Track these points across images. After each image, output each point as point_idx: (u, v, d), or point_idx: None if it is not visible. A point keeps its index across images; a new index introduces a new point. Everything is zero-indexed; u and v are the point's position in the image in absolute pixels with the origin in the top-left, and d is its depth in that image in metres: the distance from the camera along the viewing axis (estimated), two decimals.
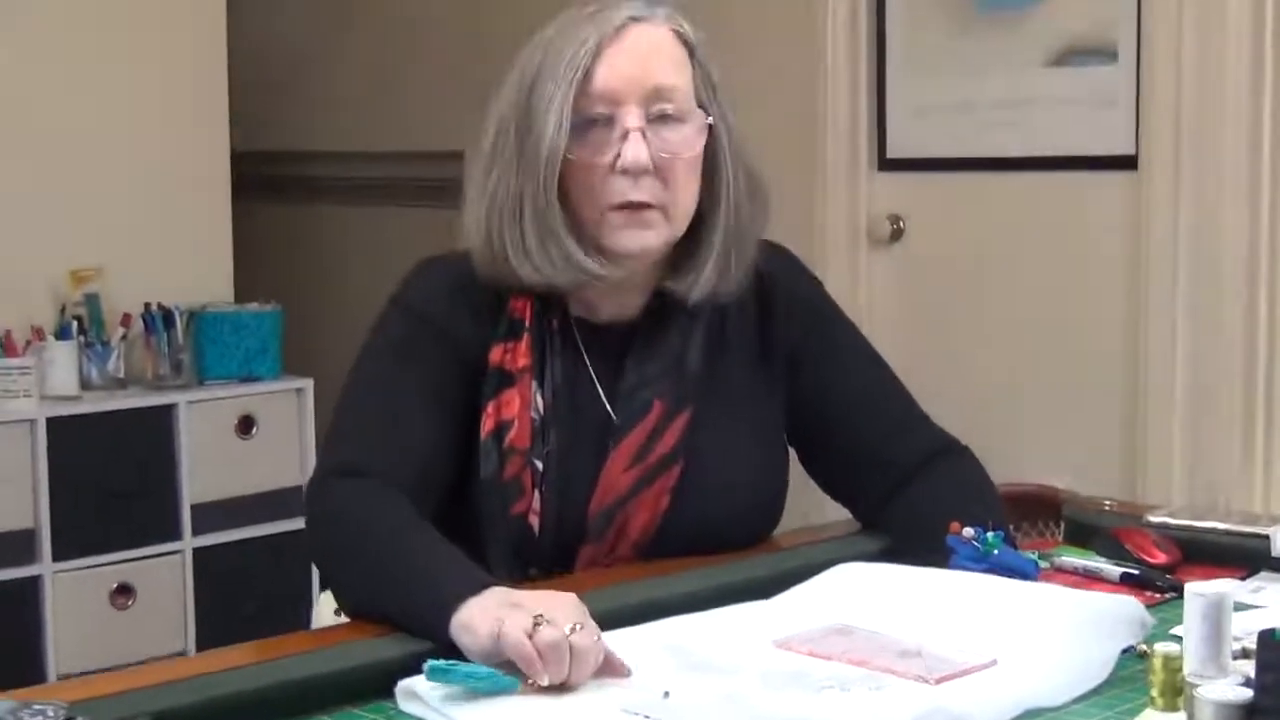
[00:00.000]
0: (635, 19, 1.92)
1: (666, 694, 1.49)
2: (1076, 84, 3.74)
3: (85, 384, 4.02)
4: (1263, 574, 1.88)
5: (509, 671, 1.52)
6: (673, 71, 1.92)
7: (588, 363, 1.96)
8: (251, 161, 4.96)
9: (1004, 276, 3.85)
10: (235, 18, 4.49)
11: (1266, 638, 1.35)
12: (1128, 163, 3.63)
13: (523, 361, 1.92)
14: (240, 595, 4.09)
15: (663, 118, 1.90)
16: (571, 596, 1.59)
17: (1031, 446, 2.07)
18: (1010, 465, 2.08)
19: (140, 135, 4.24)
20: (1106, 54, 3.68)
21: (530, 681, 1.51)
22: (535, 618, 1.52)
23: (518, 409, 1.90)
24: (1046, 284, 3.77)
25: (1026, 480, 2.21)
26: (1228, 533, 1.97)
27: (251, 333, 4.20)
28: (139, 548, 3.98)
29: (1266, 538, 1.91)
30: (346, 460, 1.83)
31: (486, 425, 1.89)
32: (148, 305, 4.14)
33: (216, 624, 4.04)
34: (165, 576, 4.02)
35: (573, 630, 1.51)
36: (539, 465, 1.89)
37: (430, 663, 1.51)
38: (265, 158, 5.37)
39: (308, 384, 4.28)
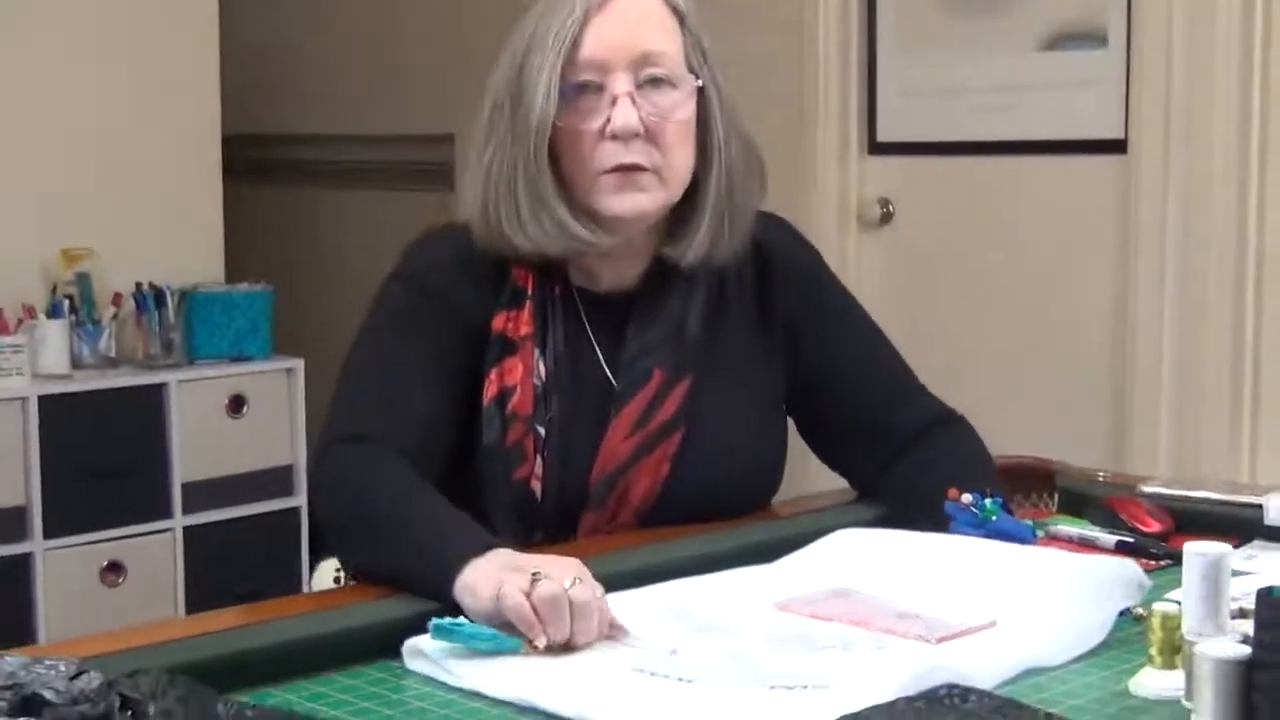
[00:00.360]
0: None
1: (674, 651, 1.51)
2: (1066, 68, 3.77)
3: (76, 363, 4.03)
4: (1255, 542, 1.89)
5: (513, 634, 1.54)
6: (662, 38, 1.94)
7: (589, 331, 1.98)
8: (243, 144, 4.97)
9: (993, 259, 3.88)
10: (228, 2, 4.49)
11: (1265, 595, 1.36)
12: (1117, 146, 3.66)
13: (525, 329, 1.93)
14: (230, 573, 4.10)
15: (653, 82, 1.92)
16: (572, 559, 1.60)
17: (1019, 425, 2.10)
18: (998, 443, 2.09)
19: (132, 116, 4.25)
20: (1097, 39, 3.71)
21: (532, 644, 1.53)
22: (533, 575, 1.53)
23: (520, 376, 1.92)
24: (1035, 266, 3.80)
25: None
26: (1221, 502, 2.00)
27: (242, 312, 4.21)
28: (129, 526, 3.99)
29: (1259, 507, 1.93)
30: (352, 428, 1.85)
31: (489, 392, 1.91)
32: (139, 285, 4.15)
33: (206, 602, 4.04)
34: (156, 554, 4.03)
35: (571, 584, 1.53)
36: (541, 431, 1.91)
37: (435, 621, 1.53)
38: (257, 141, 5.38)
39: (298, 364, 4.29)
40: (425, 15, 5.12)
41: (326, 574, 2.19)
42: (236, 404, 4.18)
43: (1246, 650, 1.37)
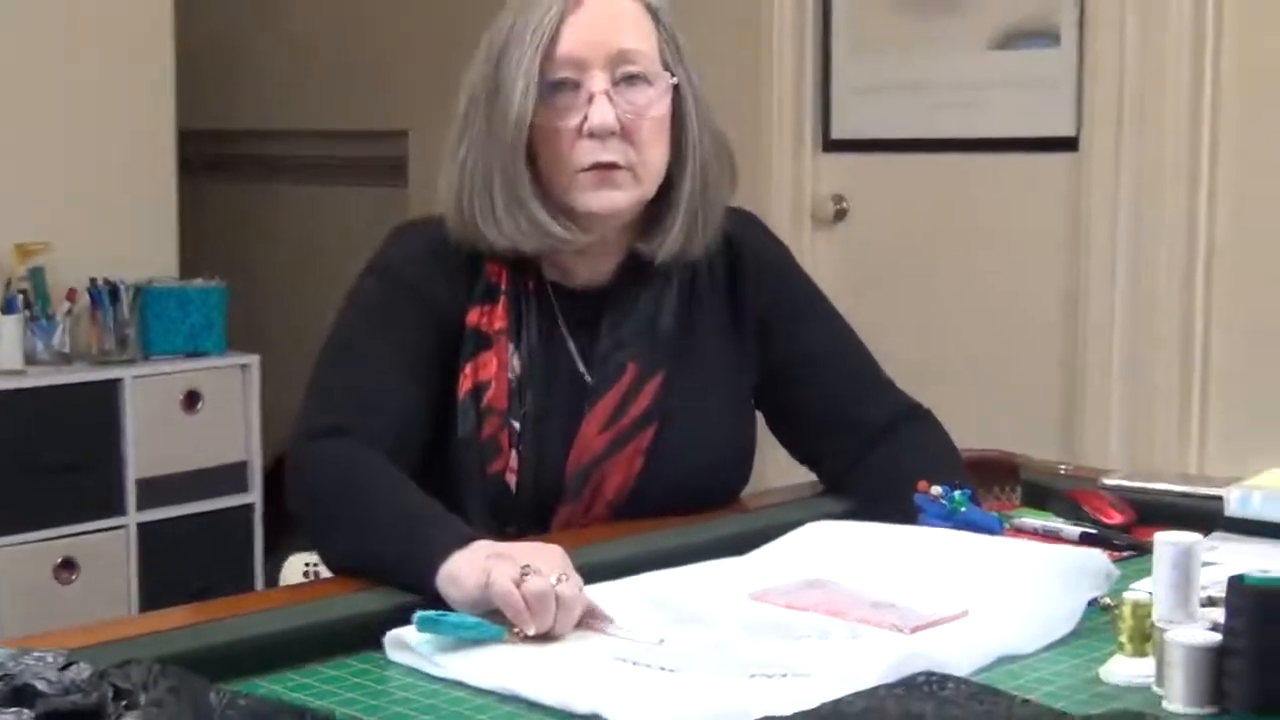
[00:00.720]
0: None
1: (661, 641, 1.53)
2: (1019, 67, 3.81)
3: (30, 358, 4.00)
4: (1216, 533, 1.93)
5: (495, 622, 1.56)
6: (636, 35, 1.96)
7: (562, 326, 2.00)
8: (198, 140, 4.95)
9: (947, 255, 3.92)
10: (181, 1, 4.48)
11: (1236, 583, 1.40)
12: (1069, 144, 3.71)
13: (499, 324, 1.95)
14: (184, 570, 4.09)
15: (628, 79, 1.94)
16: (556, 548, 1.63)
17: (974, 419, 2.13)
18: (954, 437, 2.13)
19: (86, 111, 4.23)
20: (1049, 37, 3.75)
21: (516, 630, 1.55)
22: (522, 568, 1.55)
23: (495, 370, 1.93)
24: (988, 263, 3.84)
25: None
26: (1182, 494, 2.04)
27: (197, 308, 4.20)
28: (83, 522, 3.97)
29: (1220, 498, 1.96)
30: (328, 420, 1.86)
31: (464, 386, 1.93)
32: (93, 280, 4.13)
33: (160, 599, 4.03)
34: (109, 551, 4.01)
35: (559, 580, 1.55)
36: (516, 425, 1.93)
37: (420, 613, 1.54)
38: (212, 136, 5.37)
39: (254, 360, 4.28)
40: (380, 11, 5.11)
41: (296, 569, 2.20)
42: (191, 400, 4.17)
43: (1217, 637, 1.41)
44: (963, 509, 1.85)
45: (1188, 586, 1.50)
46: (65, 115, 4.19)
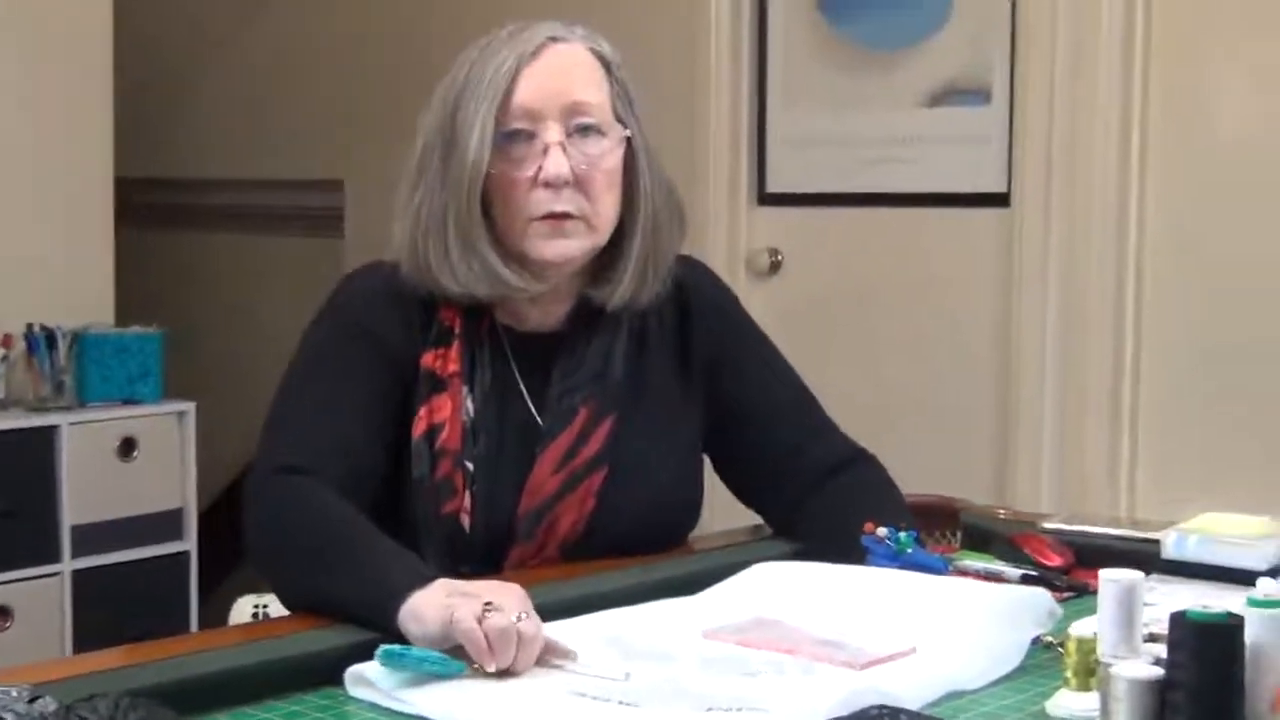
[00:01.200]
0: (553, 39, 2.00)
1: (628, 675, 1.56)
2: (951, 124, 3.88)
3: None
4: (1154, 576, 1.97)
5: (456, 658, 1.58)
6: (590, 88, 2.00)
7: (515, 369, 2.03)
8: (134, 188, 4.96)
9: (881, 307, 3.98)
10: (120, 49, 4.49)
11: (1179, 618, 1.44)
12: (1000, 200, 3.78)
13: (453, 367, 1.98)
14: (119, 617, 4.07)
15: (582, 130, 1.98)
16: (516, 587, 1.65)
17: (909, 465, 2.17)
18: None
19: (23, 158, 4.22)
20: (981, 95, 3.82)
21: (476, 666, 1.57)
22: (485, 605, 1.58)
23: (449, 413, 1.96)
24: (922, 314, 3.91)
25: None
26: (1119, 537, 2.08)
27: (133, 355, 4.20)
28: (18, 569, 3.94)
29: (1157, 542, 2.01)
30: (286, 459, 1.88)
31: (419, 428, 1.95)
32: (30, 326, 4.12)
33: (95, 646, 3.99)
34: (44, 598, 3.99)
35: (520, 618, 1.58)
36: (470, 466, 1.96)
37: (383, 648, 1.56)
38: (147, 185, 5.37)
39: (190, 407, 4.28)
40: (318, 62, 5.14)
41: (244, 611, 2.21)
42: (127, 447, 4.16)
43: (1159, 671, 1.45)
44: (909, 550, 1.89)
45: (1131, 622, 1.54)
46: (3, 160, 4.19)
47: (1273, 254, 3.41)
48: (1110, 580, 1.54)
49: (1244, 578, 1.74)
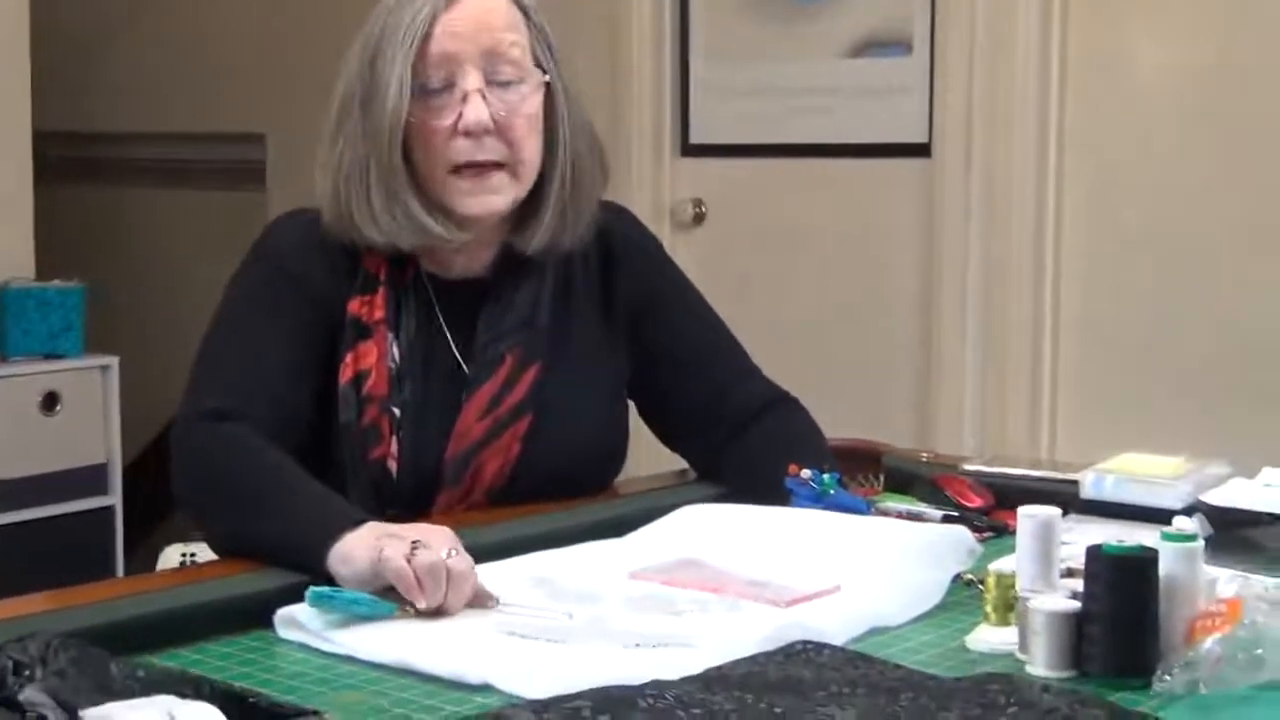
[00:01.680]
0: None
1: (571, 615, 1.58)
2: (873, 74, 3.90)
3: None
4: (1072, 516, 2.01)
5: (387, 599, 1.60)
6: (508, 33, 2.00)
7: (440, 316, 2.04)
8: (54, 142, 4.91)
9: (804, 257, 4.00)
10: (37, 1, 4.44)
11: (1095, 551, 1.48)
12: (922, 150, 3.80)
13: (379, 314, 1.99)
14: (45, 572, 4.02)
15: (501, 80, 1.98)
16: (445, 528, 1.67)
17: (832, 413, 2.20)
18: None
19: None
20: (903, 45, 3.85)
21: (406, 607, 1.59)
22: (413, 544, 1.59)
23: (375, 359, 1.97)
24: (845, 264, 3.94)
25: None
26: (1039, 479, 2.12)
27: (55, 309, 4.17)
28: None
29: (1075, 483, 2.04)
30: (212, 405, 1.88)
31: (345, 374, 1.96)
32: None
33: None
34: None
35: (449, 555, 1.59)
36: (396, 412, 1.97)
37: (312, 589, 1.58)
38: (68, 139, 5.32)
39: (113, 361, 4.25)
40: (239, 14, 5.11)
41: (172, 559, 2.22)
42: (50, 401, 4.13)
43: (1076, 604, 1.49)
44: (831, 491, 1.92)
45: (1048, 557, 1.57)
46: None
47: (1189, 201, 3.46)
48: (1027, 516, 1.58)
49: (1160, 517, 1.78)
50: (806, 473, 1.93)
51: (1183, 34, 3.46)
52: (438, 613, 1.59)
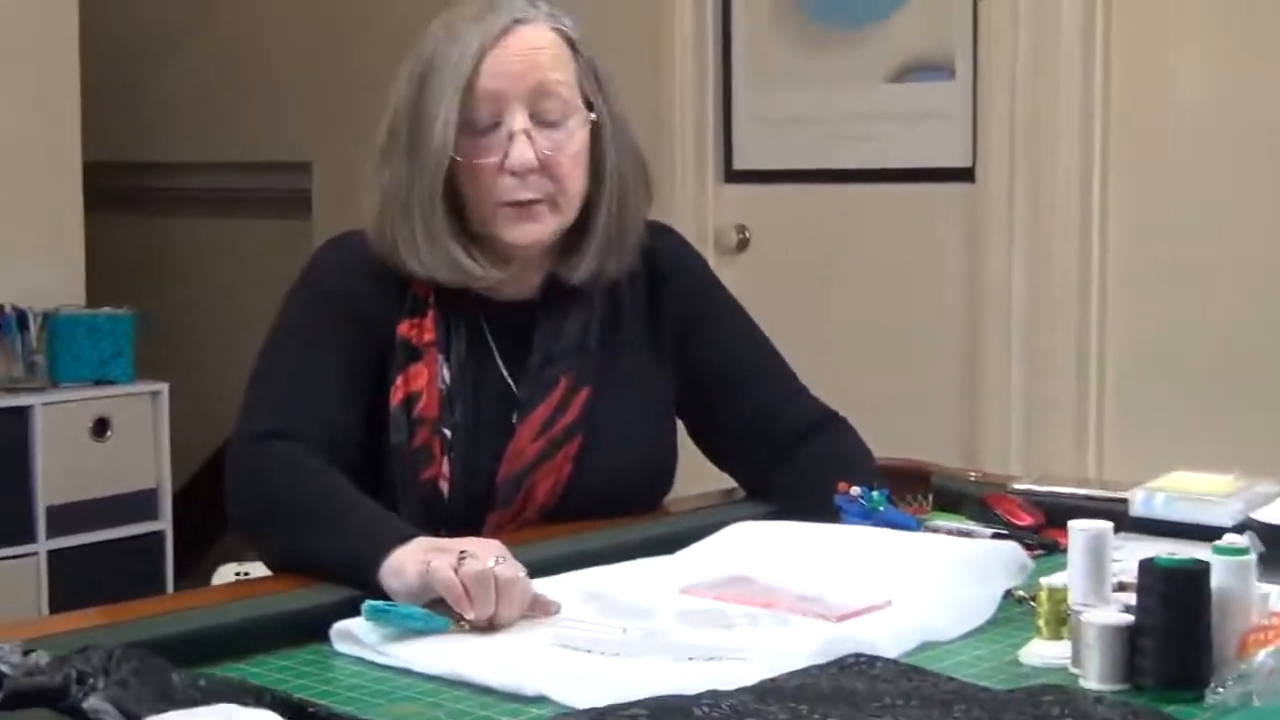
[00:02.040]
0: (518, 21, 2.00)
1: (625, 630, 1.59)
2: (915, 99, 3.91)
3: None
4: (1122, 534, 2.01)
5: (440, 613, 1.61)
6: (556, 69, 2.00)
7: (489, 338, 2.05)
8: (105, 172, 4.96)
9: (848, 283, 4.01)
10: (87, 33, 4.49)
11: (1147, 565, 1.48)
12: (965, 174, 3.81)
13: (429, 336, 2.00)
14: (94, 597, 4.04)
15: (548, 120, 1.99)
16: (494, 540, 1.69)
17: (878, 438, 2.21)
18: None
19: None
20: (945, 70, 3.86)
21: (460, 622, 1.60)
22: (460, 554, 1.61)
23: (425, 381, 1.99)
24: (889, 290, 3.94)
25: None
26: (1088, 497, 2.12)
27: (105, 336, 4.21)
28: None
29: (1124, 501, 2.05)
30: (267, 425, 1.90)
31: (396, 396, 1.98)
32: (0, 307, 4.12)
33: None
34: (19, 578, 4.00)
35: (496, 562, 1.61)
36: (447, 434, 1.98)
37: (369, 603, 1.59)
38: (118, 169, 5.38)
39: (163, 387, 4.29)
40: (285, 45, 5.15)
41: (226, 576, 2.24)
42: (100, 427, 4.17)
43: (1129, 618, 1.49)
44: (881, 508, 1.92)
45: (1100, 571, 1.58)
46: None
47: (1233, 222, 3.45)
48: (1079, 530, 1.58)
49: (1211, 534, 1.78)
50: (856, 490, 1.94)
51: (1226, 56, 3.46)
52: (492, 626, 1.60)
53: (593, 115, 2.04)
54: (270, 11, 5.21)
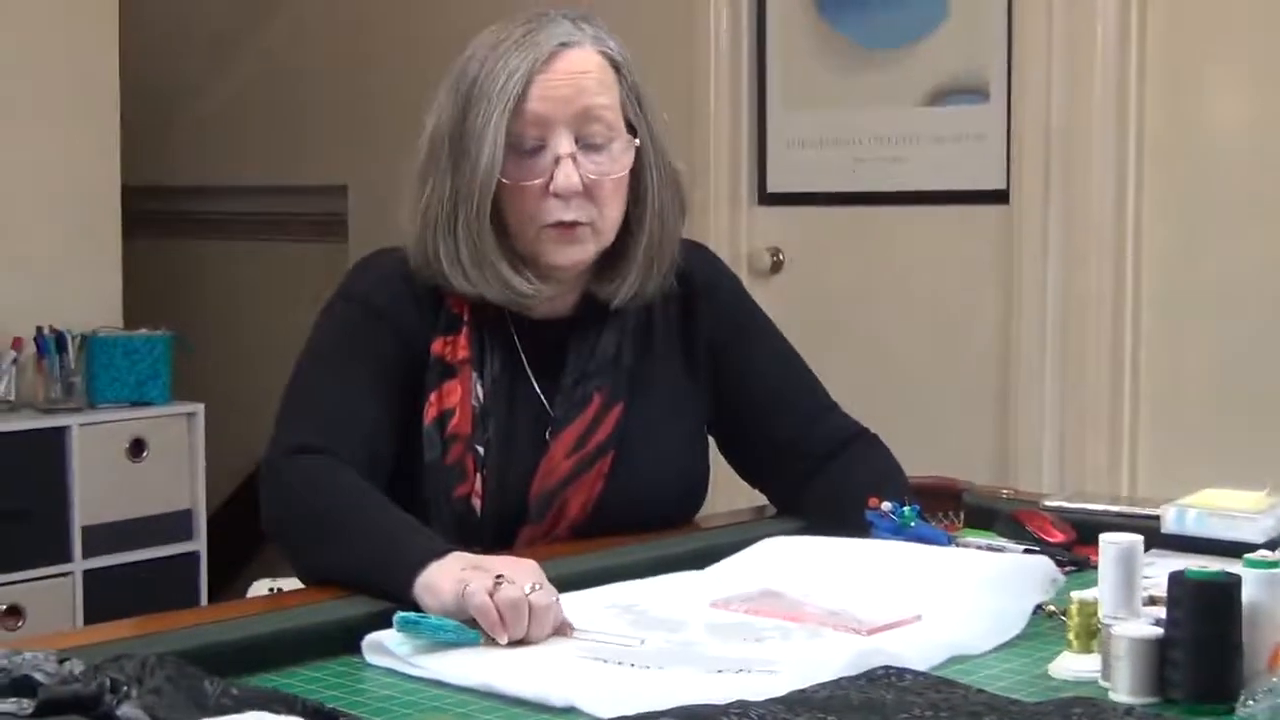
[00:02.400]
0: (565, 44, 2.00)
1: (643, 641, 1.59)
2: (950, 122, 3.92)
3: None
4: (1153, 550, 2.00)
5: (471, 627, 1.62)
6: (601, 93, 2.01)
7: (522, 356, 2.06)
8: (142, 196, 5.00)
9: (882, 305, 4.01)
10: (125, 58, 4.53)
11: (1178, 577, 1.48)
12: (999, 196, 3.81)
13: (463, 354, 2.01)
14: (129, 617, 4.09)
15: (593, 145, 2.00)
16: (531, 562, 1.69)
17: (910, 456, 2.21)
18: None
19: (33, 166, 4.27)
20: (979, 93, 3.86)
21: (491, 639, 1.61)
22: (497, 578, 1.62)
23: (459, 398, 1.99)
24: (924, 311, 3.94)
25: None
26: (1120, 514, 2.12)
27: (142, 357, 4.24)
28: (29, 569, 3.98)
29: (1156, 518, 2.04)
30: (302, 440, 1.91)
31: (430, 413, 1.99)
32: (39, 329, 4.16)
33: None
34: (55, 598, 4.02)
35: (532, 589, 1.61)
36: (480, 451, 1.99)
37: (400, 615, 1.60)
38: (155, 192, 5.41)
39: (199, 408, 4.32)
40: (319, 68, 5.18)
41: (260, 591, 2.25)
42: (137, 448, 4.19)
43: (1159, 631, 1.49)
44: (912, 524, 1.93)
45: (1131, 584, 1.58)
46: (11, 166, 4.23)
47: (1269, 244, 3.45)
48: (1110, 543, 1.58)
49: (1242, 551, 1.77)
50: (887, 505, 1.94)
51: (1262, 75, 3.46)
52: (520, 642, 1.61)
53: (636, 140, 2.04)
54: (305, 36, 5.24)
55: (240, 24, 5.46)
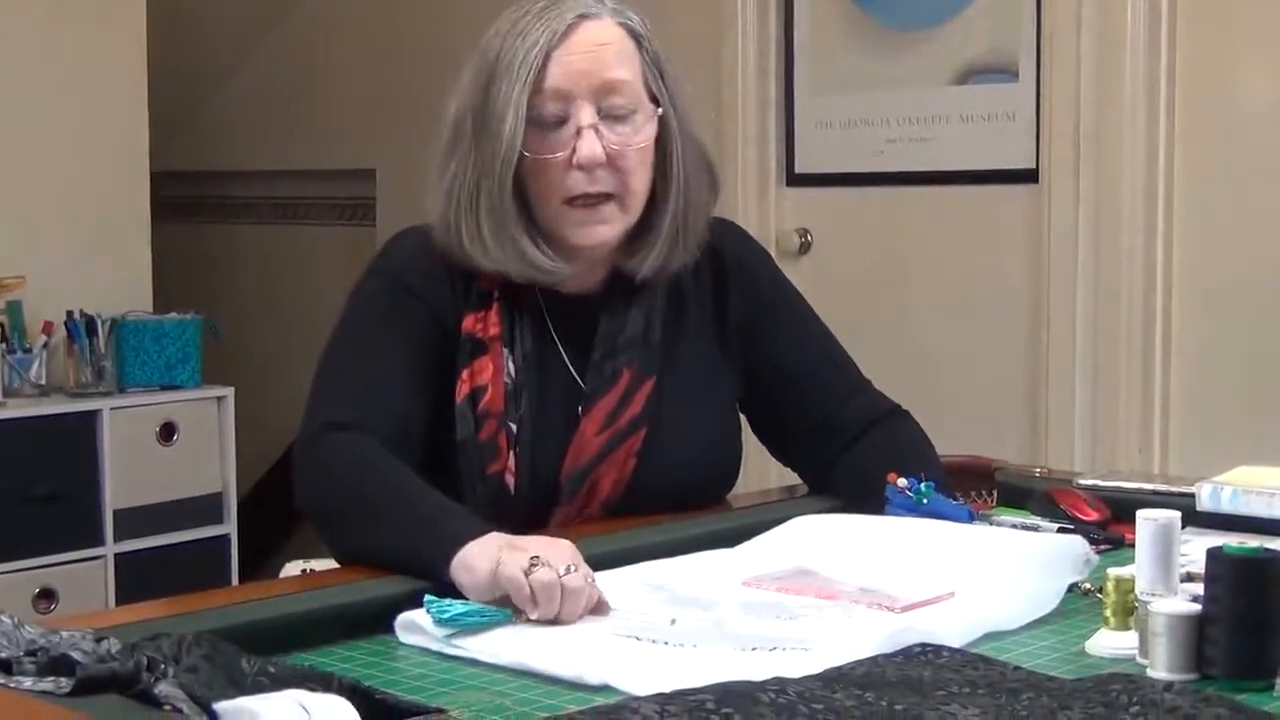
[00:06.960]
0: (583, 16, 2.00)
1: (673, 621, 1.59)
2: (979, 101, 3.90)
3: (8, 390, 4.05)
4: (1189, 528, 2.00)
5: (503, 608, 1.62)
6: (622, 65, 2.01)
7: (553, 332, 2.06)
8: (171, 181, 5.02)
9: (911, 285, 4.00)
10: (153, 45, 4.54)
11: (1216, 552, 1.47)
12: (1029, 176, 3.79)
13: (494, 330, 2.01)
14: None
15: (615, 114, 1.99)
16: (567, 543, 1.68)
17: (942, 435, 2.20)
18: None
19: (62, 152, 4.29)
20: (1008, 72, 3.84)
21: (523, 616, 1.61)
22: (532, 559, 1.61)
23: (491, 375, 1.99)
24: (954, 291, 3.93)
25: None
26: (1154, 492, 2.11)
27: (172, 341, 4.25)
28: (61, 552, 4.01)
29: (1190, 496, 2.03)
30: (336, 416, 1.91)
31: (462, 390, 1.99)
32: (70, 313, 4.17)
33: None
34: (87, 581, 4.05)
35: (566, 571, 1.61)
36: (513, 428, 1.99)
37: (429, 597, 1.60)
38: (184, 177, 5.43)
39: (229, 392, 4.33)
40: (347, 52, 5.19)
41: (293, 572, 2.24)
42: (167, 432, 4.21)
43: (1197, 607, 1.48)
44: (926, 500, 1.92)
45: (1168, 560, 1.57)
46: (42, 153, 4.25)
47: None
48: (1147, 519, 1.57)
49: (1278, 528, 1.77)
50: (903, 481, 1.94)
51: None
52: (552, 621, 1.61)
53: (658, 110, 2.04)
54: (333, 21, 5.24)
55: (268, 10, 5.47)
